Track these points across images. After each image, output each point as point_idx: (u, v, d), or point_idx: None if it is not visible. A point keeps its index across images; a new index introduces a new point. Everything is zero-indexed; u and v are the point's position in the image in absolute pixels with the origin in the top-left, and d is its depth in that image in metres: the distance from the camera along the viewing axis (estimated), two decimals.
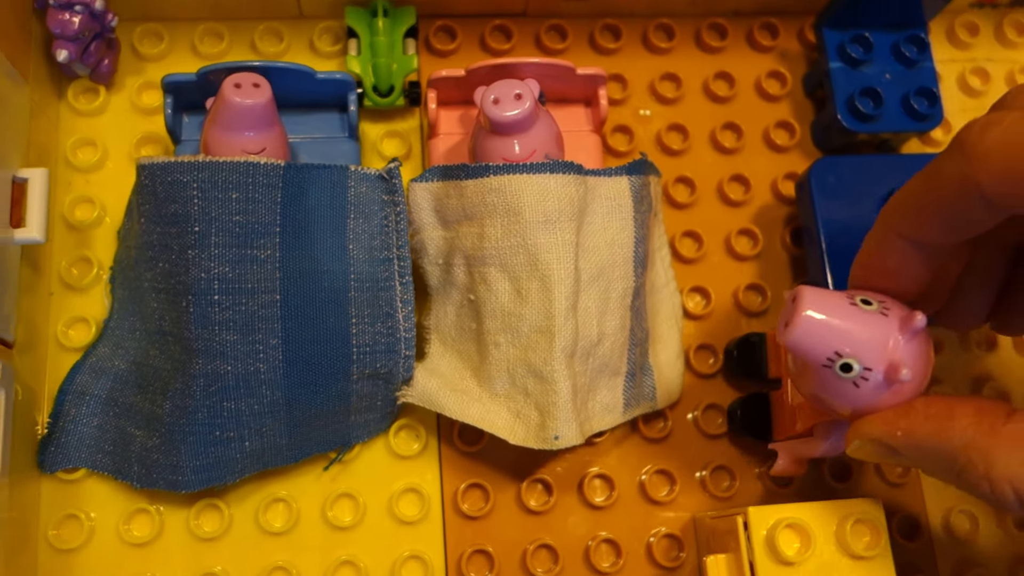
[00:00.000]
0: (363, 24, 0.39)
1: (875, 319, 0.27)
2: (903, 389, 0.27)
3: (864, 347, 0.27)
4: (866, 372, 0.27)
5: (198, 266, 0.31)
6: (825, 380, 0.27)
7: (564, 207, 0.32)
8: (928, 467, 0.27)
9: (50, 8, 0.35)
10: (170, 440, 0.32)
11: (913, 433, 0.27)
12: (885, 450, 0.28)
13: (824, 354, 0.27)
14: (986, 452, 0.25)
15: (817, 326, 0.27)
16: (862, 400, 0.27)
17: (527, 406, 0.33)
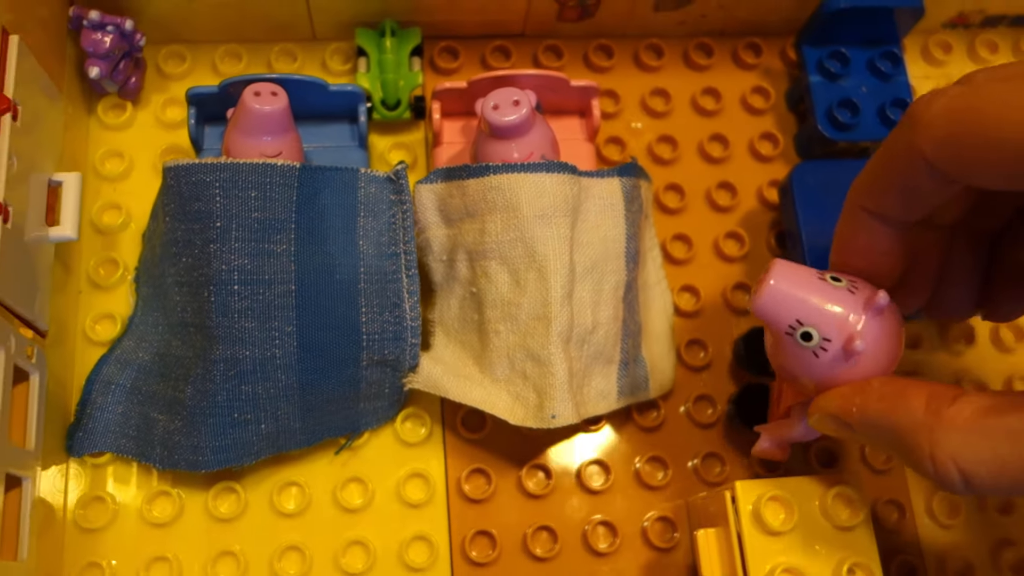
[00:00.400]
0: (372, 43, 0.42)
1: (840, 294, 0.29)
2: (862, 366, 0.29)
3: (824, 318, 0.29)
4: (825, 343, 0.29)
5: (219, 259, 0.34)
6: (789, 349, 0.29)
7: (559, 203, 0.35)
8: (880, 444, 0.28)
9: (84, 29, 0.38)
10: (191, 422, 0.34)
11: (866, 410, 0.28)
12: (841, 425, 0.29)
13: (786, 321, 0.29)
14: (931, 432, 0.26)
15: (781, 295, 0.29)
16: (821, 371, 0.29)
17: (526, 389, 0.35)
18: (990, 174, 0.26)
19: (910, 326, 0.42)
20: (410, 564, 0.36)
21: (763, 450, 0.35)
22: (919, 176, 0.27)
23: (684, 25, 0.45)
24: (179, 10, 0.41)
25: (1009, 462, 0.25)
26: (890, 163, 0.28)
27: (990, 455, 0.25)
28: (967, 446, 0.25)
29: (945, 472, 0.26)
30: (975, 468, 0.25)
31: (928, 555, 0.39)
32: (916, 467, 0.27)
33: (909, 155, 0.27)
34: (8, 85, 0.32)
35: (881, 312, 0.29)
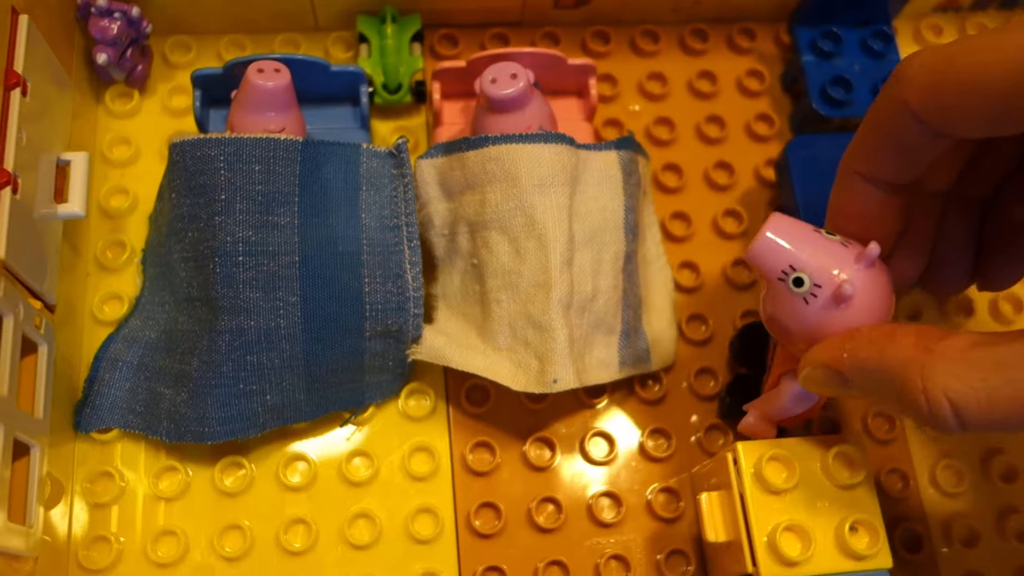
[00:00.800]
0: (373, 30, 0.43)
1: (833, 246, 0.30)
2: (852, 316, 0.29)
3: (816, 265, 0.29)
4: (815, 288, 0.29)
5: (224, 231, 0.34)
6: (781, 297, 0.30)
7: (557, 173, 0.35)
8: (872, 390, 0.28)
9: (92, 16, 0.39)
10: (197, 394, 0.35)
11: (857, 354, 0.28)
12: (833, 376, 0.29)
13: (780, 267, 0.29)
14: (922, 368, 0.26)
15: (776, 242, 0.30)
16: (811, 319, 0.29)
17: (527, 356, 0.35)
18: (973, 120, 0.26)
19: (909, 298, 0.42)
20: (416, 536, 0.37)
21: (749, 425, 0.35)
22: (908, 132, 0.28)
23: (678, 12, 0.46)
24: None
25: (998, 392, 0.25)
26: (879, 123, 0.29)
27: (980, 385, 0.25)
28: (958, 378, 0.25)
29: (938, 406, 0.26)
30: (966, 400, 0.25)
31: (933, 523, 0.39)
32: (910, 406, 0.26)
33: (897, 111, 0.28)
34: (18, 61, 0.33)
35: (872, 264, 0.30)
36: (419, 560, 0.36)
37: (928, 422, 0.26)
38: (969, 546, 0.38)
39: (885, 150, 0.29)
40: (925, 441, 0.40)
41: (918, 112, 0.27)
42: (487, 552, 0.37)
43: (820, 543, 0.32)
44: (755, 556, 0.32)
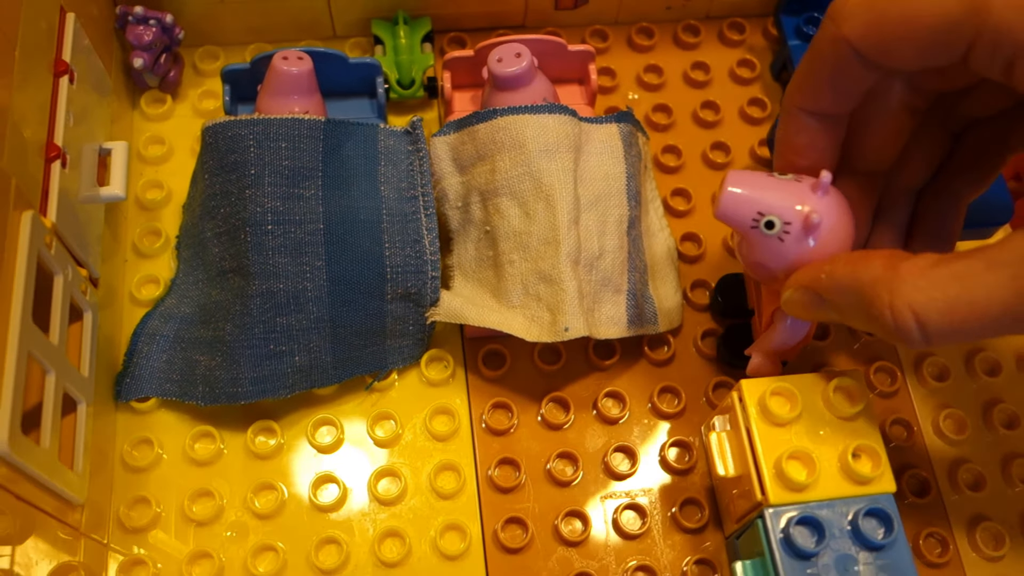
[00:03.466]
0: (387, 32, 0.46)
1: (790, 185, 0.32)
2: (823, 243, 0.32)
3: (781, 205, 0.32)
4: (786, 226, 0.32)
5: (254, 202, 0.37)
6: (757, 243, 0.32)
7: (561, 140, 0.38)
8: (845, 307, 0.30)
9: (129, 24, 0.43)
10: (231, 357, 0.37)
11: (834, 274, 0.30)
12: (812, 297, 0.31)
13: (749, 216, 0.32)
14: (889, 284, 0.28)
15: (739, 196, 0.32)
16: (788, 254, 0.32)
17: (540, 309, 0.37)
18: (908, 50, 0.29)
19: None
20: (439, 491, 0.38)
21: (756, 366, 0.37)
22: (848, 65, 0.30)
23: (671, 11, 0.50)
24: (211, 10, 0.45)
25: (957, 301, 0.27)
26: (819, 59, 0.31)
27: (940, 296, 0.27)
28: (920, 291, 0.28)
29: (903, 319, 0.28)
30: (928, 312, 0.27)
31: (939, 469, 0.40)
32: (877, 319, 0.29)
33: (836, 47, 0.30)
34: (66, 51, 0.36)
35: (828, 191, 0.32)
36: (443, 513, 0.38)
37: (894, 334, 0.29)
38: (975, 490, 0.40)
39: (826, 85, 0.32)
40: (927, 393, 0.42)
41: (857, 46, 0.30)
42: (507, 505, 0.38)
43: (825, 469, 0.33)
44: (763, 484, 0.33)
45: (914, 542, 0.39)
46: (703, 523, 0.38)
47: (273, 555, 0.37)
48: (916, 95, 0.33)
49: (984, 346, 0.43)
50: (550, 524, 0.38)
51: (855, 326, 0.32)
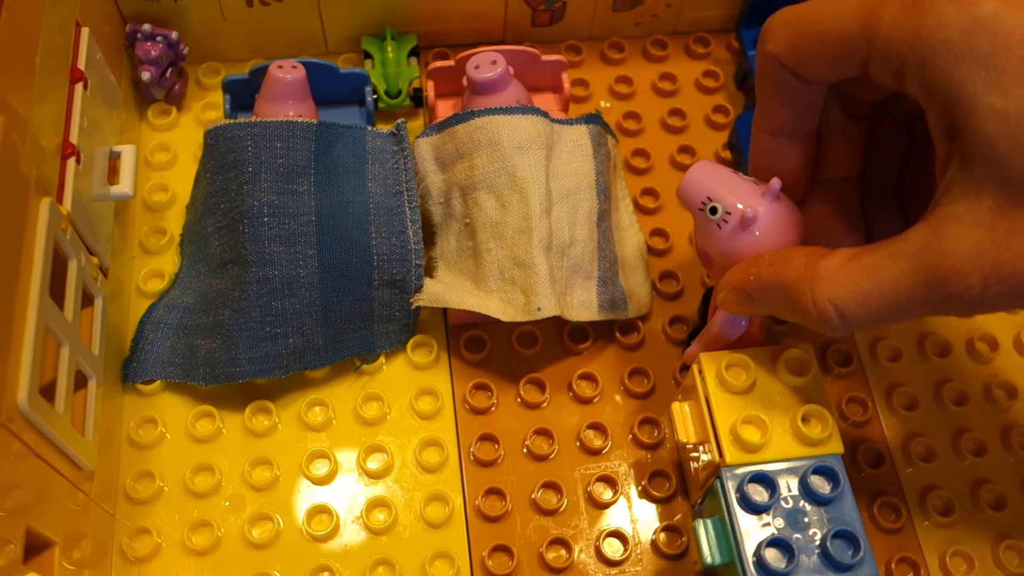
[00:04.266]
0: (375, 48, 0.50)
1: (745, 183, 0.36)
2: (758, 241, 0.35)
3: (727, 196, 0.35)
4: (726, 215, 0.35)
5: (251, 196, 0.40)
6: (701, 226, 0.36)
7: (534, 137, 0.41)
8: (773, 304, 0.33)
9: (138, 40, 0.47)
10: (230, 339, 0.40)
11: (760, 276, 0.33)
12: (743, 296, 0.34)
13: (699, 199, 0.36)
14: (811, 281, 0.31)
15: (695, 181, 0.36)
16: (724, 241, 0.35)
17: (515, 292, 0.40)
18: (821, 63, 0.32)
19: None
20: (424, 464, 0.41)
21: (691, 353, 0.39)
22: (784, 80, 0.33)
23: (640, 27, 0.53)
24: (214, 28, 0.49)
25: (870, 293, 0.30)
26: (763, 80, 0.35)
27: (855, 290, 0.30)
28: (837, 286, 0.31)
29: (824, 311, 0.31)
30: (845, 303, 0.30)
31: (892, 443, 0.43)
32: (803, 314, 0.32)
33: (767, 63, 0.33)
34: (80, 60, 0.40)
35: (777, 197, 0.35)
36: (427, 486, 0.41)
37: (818, 325, 0.32)
38: (927, 462, 0.42)
39: (772, 102, 0.35)
40: (881, 373, 0.45)
41: (783, 61, 0.33)
42: (488, 477, 0.41)
43: (777, 432, 0.36)
44: (720, 446, 0.36)
45: (869, 510, 0.41)
46: (671, 493, 0.41)
47: (268, 524, 0.39)
48: (853, 104, 0.36)
49: (934, 329, 0.46)
50: (527, 495, 0.41)
51: (785, 319, 0.34)
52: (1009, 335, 0.46)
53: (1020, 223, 0.27)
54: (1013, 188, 0.27)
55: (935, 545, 0.41)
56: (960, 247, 0.28)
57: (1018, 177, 0.27)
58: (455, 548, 0.39)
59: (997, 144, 0.27)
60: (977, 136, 0.28)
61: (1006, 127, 0.27)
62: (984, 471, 0.42)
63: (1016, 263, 0.27)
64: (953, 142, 0.29)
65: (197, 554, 0.39)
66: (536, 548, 0.40)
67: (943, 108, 0.29)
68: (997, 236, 0.28)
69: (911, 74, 0.29)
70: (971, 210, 0.28)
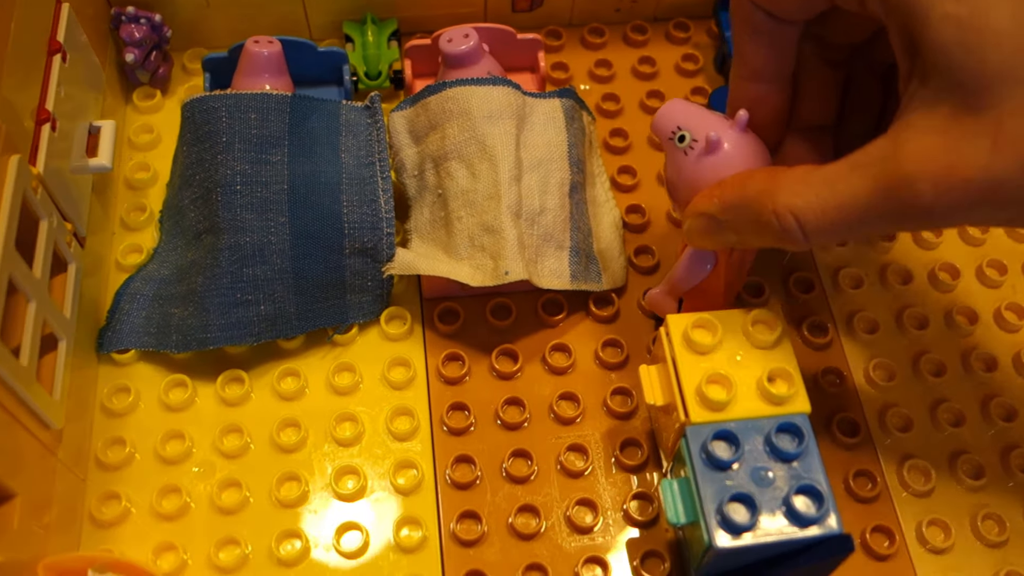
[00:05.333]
0: (356, 31, 0.50)
1: (715, 116, 0.36)
2: (723, 170, 0.35)
3: (696, 125, 0.36)
4: (693, 143, 0.36)
5: (225, 165, 0.41)
6: (670, 156, 0.37)
7: (504, 108, 0.42)
8: (739, 223, 0.33)
9: (122, 23, 0.48)
10: (201, 306, 0.40)
11: (723, 196, 0.34)
12: (709, 221, 0.35)
13: (669, 128, 0.36)
14: (772, 193, 0.32)
15: (667, 112, 0.37)
16: (690, 168, 0.36)
17: (484, 258, 0.40)
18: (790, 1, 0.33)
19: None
20: (395, 433, 0.41)
21: (652, 295, 0.40)
22: (757, 21, 0.34)
23: (620, 12, 0.54)
24: (198, 14, 0.50)
25: (828, 203, 0.30)
26: (737, 24, 0.35)
27: (815, 199, 0.31)
28: (797, 196, 0.31)
29: (785, 221, 0.31)
30: (804, 213, 0.31)
31: (869, 413, 0.42)
32: (765, 226, 0.32)
33: (743, 6, 0.34)
34: (60, 33, 0.41)
35: (744, 130, 0.36)
36: (397, 453, 0.41)
37: (781, 237, 0.32)
38: (904, 431, 0.42)
39: (748, 46, 0.35)
40: (858, 345, 0.44)
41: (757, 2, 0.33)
42: (459, 446, 0.41)
43: (742, 391, 0.36)
44: (685, 405, 0.36)
45: (845, 480, 0.41)
46: (643, 461, 0.41)
47: (237, 490, 0.39)
48: (828, 49, 0.37)
49: (912, 302, 0.45)
50: (498, 464, 0.41)
51: (750, 242, 0.35)
52: (990, 308, 0.45)
53: (972, 128, 0.27)
54: (967, 93, 0.28)
55: (912, 515, 0.40)
56: (914, 153, 0.28)
57: (971, 82, 0.27)
58: (424, 515, 0.39)
59: (951, 51, 0.28)
60: (933, 45, 0.28)
61: (959, 33, 0.27)
62: (963, 442, 0.42)
63: (966, 169, 0.27)
64: (913, 58, 0.29)
65: (165, 519, 0.39)
66: (506, 516, 0.39)
67: (902, 23, 0.29)
68: (950, 142, 0.28)
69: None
70: (927, 118, 0.28)
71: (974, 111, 0.27)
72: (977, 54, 0.27)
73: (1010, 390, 0.43)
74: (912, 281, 0.46)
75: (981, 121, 0.27)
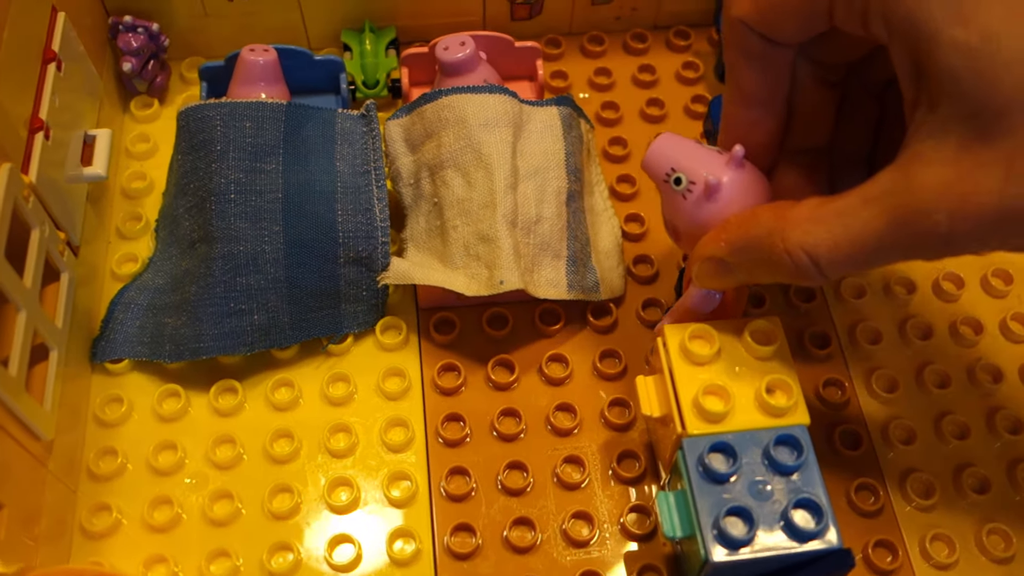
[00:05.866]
0: (354, 40, 0.50)
1: (709, 153, 0.35)
2: (723, 210, 0.34)
3: (691, 166, 0.35)
4: (691, 185, 0.35)
5: (219, 174, 0.40)
6: (667, 198, 0.36)
7: (501, 116, 0.41)
8: (749, 264, 0.33)
9: (120, 33, 0.47)
10: (195, 315, 0.40)
11: (730, 238, 0.33)
12: (717, 264, 0.34)
13: (663, 170, 0.35)
14: (781, 231, 0.31)
15: (659, 152, 0.36)
16: (690, 213, 0.35)
17: (479, 267, 0.40)
18: (788, 19, 0.32)
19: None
20: (389, 444, 0.40)
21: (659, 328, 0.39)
22: (751, 45, 0.33)
23: (620, 21, 0.54)
24: (196, 24, 0.50)
25: (841, 237, 0.30)
26: (731, 47, 0.34)
27: (826, 235, 0.30)
28: (808, 234, 0.30)
29: (798, 259, 0.31)
30: (817, 249, 0.30)
31: (871, 425, 0.42)
32: (778, 265, 0.31)
33: (735, 28, 0.33)
34: (55, 43, 0.40)
35: (741, 165, 0.35)
36: (391, 465, 0.40)
37: (795, 275, 0.31)
38: (907, 444, 0.41)
39: (742, 70, 0.34)
40: (860, 355, 0.43)
41: (747, 22, 0.32)
42: (453, 457, 0.40)
43: (740, 403, 0.35)
44: (682, 417, 0.35)
45: (847, 494, 0.40)
46: (640, 473, 0.40)
47: (229, 502, 0.39)
48: (824, 70, 0.36)
49: (915, 312, 0.45)
50: (493, 475, 0.40)
51: (763, 281, 0.34)
52: (995, 318, 0.45)
53: (985, 157, 0.27)
54: (978, 122, 0.27)
55: (915, 529, 0.39)
56: (927, 185, 0.28)
57: (982, 111, 0.27)
58: (418, 527, 0.39)
59: (961, 78, 0.27)
60: (941, 72, 0.27)
61: (969, 60, 0.27)
62: (968, 455, 0.41)
63: (981, 197, 0.27)
64: (919, 84, 0.28)
65: (157, 531, 0.38)
66: (500, 529, 0.39)
67: (908, 48, 0.28)
68: (963, 171, 0.27)
69: (874, 14, 0.29)
70: (938, 148, 0.28)
71: (986, 139, 0.27)
72: (988, 81, 0.26)
73: (1016, 402, 0.42)
74: (916, 291, 0.45)
75: (994, 150, 0.27)
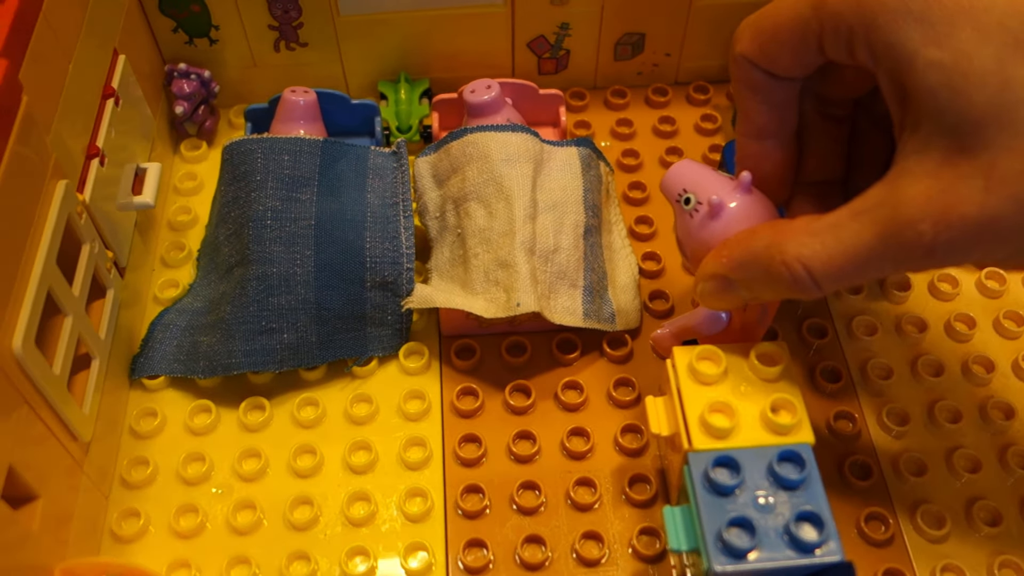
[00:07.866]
0: (390, 89, 0.54)
1: (721, 178, 0.38)
2: (728, 232, 0.36)
3: (701, 188, 0.37)
4: (699, 205, 0.37)
5: (258, 202, 0.43)
6: (678, 219, 0.38)
7: (522, 152, 0.44)
8: (750, 279, 0.34)
9: (174, 79, 0.51)
10: (228, 333, 0.42)
11: (731, 255, 0.35)
12: (721, 282, 0.35)
13: (676, 191, 0.38)
14: (778, 246, 0.32)
15: (676, 174, 0.38)
16: (696, 231, 0.37)
17: (498, 292, 0.42)
18: (785, 54, 0.34)
19: None
20: (407, 462, 0.42)
21: (656, 335, 0.40)
22: (755, 79, 0.35)
23: (642, 76, 0.56)
24: (245, 74, 0.54)
25: (834, 250, 0.31)
26: (737, 83, 0.36)
27: (820, 247, 0.31)
28: (803, 246, 0.32)
29: (795, 271, 0.32)
30: (812, 262, 0.32)
31: (883, 457, 0.42)
32: (776, 278, 0.33)
33: (740, 66, 0.35)
34: (115, 80, 0.44)
35: (748, 190, 0.37)
36: (409, 481, 0.41)
37: (793, 288, 0.33)
38: (919, 476, 0.41)
39: (749, 104, 0.36)
40: (871, 390, 0.44)
41: (749, 58, 0.35)
42: (469, 476, 0.42)
43: (745, 420, 0.36)
44: (688, 433, 0.36)
45: (857, 524, 0.40)
46: (651, 497, 0.41)
47: (251, 511, 0.41)
48: (830, 105, 0.38)
49: (927, 351, 0.45)
50: (507, 494, 0.41)
51: (764, 297, 0.35)
52: (1008, 358, 0.45)
53: (965, 169, 0.28)
54: (957, 136, 0.29)
55: (926, 560, 0.39)
56: (912, 197, 0.29)
57: (960, 125, 0.28)
58: (432, 542, 0.40)
59: (938, 95, 0.29)
60: (920, 91, 0.29)
61: (944, 77, 0.29)
62: (980, 488, 0.41)
63: (963, 207, 0.28)
64: (905, 105, 0.30)
65: (182, 536, 0.40)
66: (513, 546, 0.40)
67: (891, 71, 0.30)
68: (945, 183, 0.29)
69: (859, 41, 0.31)
70: (921, 163, 0.29)
71: (965, 152, 0.28)
72: (963, 96, 0.28)
73: None
74: (927, 330, 0.46)
75: (973, 162, 0.28)
